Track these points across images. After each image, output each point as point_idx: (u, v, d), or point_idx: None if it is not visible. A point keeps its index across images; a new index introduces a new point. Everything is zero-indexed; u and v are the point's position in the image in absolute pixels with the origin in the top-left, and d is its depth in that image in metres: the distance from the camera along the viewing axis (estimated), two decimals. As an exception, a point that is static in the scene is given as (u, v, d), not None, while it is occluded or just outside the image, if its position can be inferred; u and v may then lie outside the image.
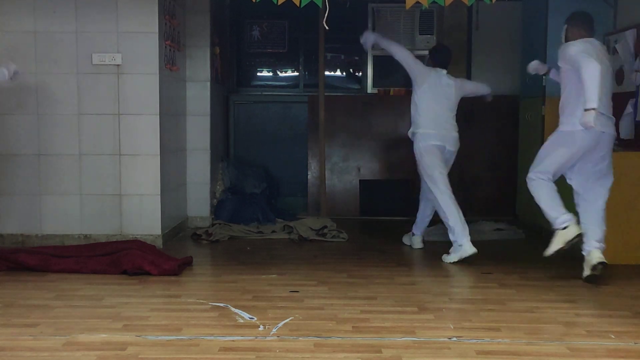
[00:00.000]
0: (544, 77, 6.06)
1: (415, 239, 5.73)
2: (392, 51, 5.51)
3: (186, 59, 6.36)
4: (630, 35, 5.40)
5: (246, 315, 3.67)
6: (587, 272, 4.47)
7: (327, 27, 4.53)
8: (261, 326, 3.50)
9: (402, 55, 5.48)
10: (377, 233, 6.39)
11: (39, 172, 5.43)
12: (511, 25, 7.12)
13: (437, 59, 5.55)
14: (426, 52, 7.39)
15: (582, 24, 4.66)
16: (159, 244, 5.43)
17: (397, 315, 3.71)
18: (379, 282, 4.46)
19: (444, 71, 5.48)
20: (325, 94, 6.52)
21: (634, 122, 5.31)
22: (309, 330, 3.43)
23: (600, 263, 4.42)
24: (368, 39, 5.57)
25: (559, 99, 4.61)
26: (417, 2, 4.24)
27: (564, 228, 4.48)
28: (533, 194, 4.67)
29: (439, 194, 5.35)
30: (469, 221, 6.38)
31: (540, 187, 4.62)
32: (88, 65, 5.34)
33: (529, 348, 3.22)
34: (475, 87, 5.78)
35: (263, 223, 6.45)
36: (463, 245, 5.16)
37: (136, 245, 4.81)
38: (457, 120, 5.53)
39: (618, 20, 5.79)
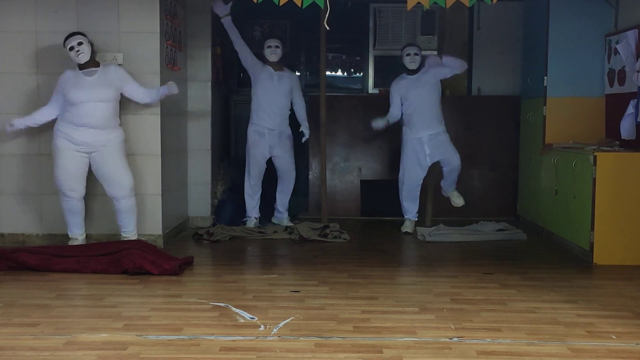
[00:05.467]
0: (545, 77, 6.07)
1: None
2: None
3: (187, 59, 6.36)
4: (631, 36, 5.39)
5: (247, 315, 3.67)
6: None
7: (327, 27, 4.53)
8: (262, 326, 3.50)
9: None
10: (378, 233, 6.39)
11: (40, 172, 5.43)
12: (512, 25, 7.12)
13: None
14: (428, 53, 7.46)
15: None
16: (160, 243, 5.43)
17: (398, 316, 3.71)
18: (380, 282, 4.46)
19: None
20: (327, 94, 6.52)
21: (635, 122, 5.30)
22: (310, 330, 3.43)
23: None
24: (221, 9, 6.11)
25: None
26: (418, 3, 4.24)
27: None
28: None
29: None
30: (470, 221, 6.42)
31: None
32: (89, 65, 5.34)
33: (530, 348, 3.22)
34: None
35: (264, 223, 6.46)
36: None
37: (137, 245, 4.81)
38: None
39: (619, 20, 5.78)
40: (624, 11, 5.71)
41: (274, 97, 6.27)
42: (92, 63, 5.06)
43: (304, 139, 6.46)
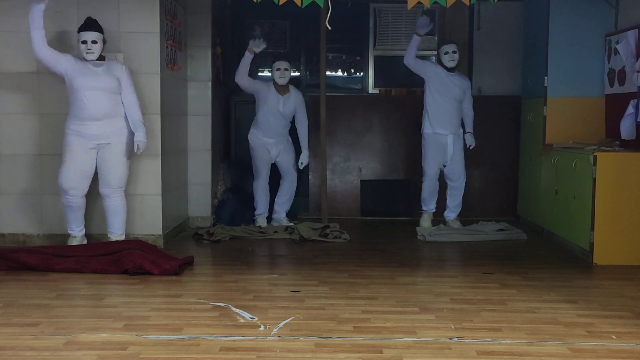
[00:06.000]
0: (545, 77, 6.07)
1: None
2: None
3: (187, 58, 6.36)
4: (631, 36, 5.39)
5: (247, 315, 3.67)
6: None
7: (329, 27, 4.52)
8: (262, 326, 3.50)
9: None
10: (378, 233, 6.39)
11: (41, 172, 5.43)
12: (513, 25, 7.12)
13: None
14: (428, 53, 7.45)
15: None
16: (160, 243, 5.44)
17: (398, 316, 3.71)
18: (380, 282, 4.46)
19: None
20: (327, 94, 6.52)
21: (635, 122, 5.30)
22: (310, 330, 3.43)
23: None
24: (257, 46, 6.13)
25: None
26: (419, 2, 4.24)
27: None
28: None
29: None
30: (470, 221, 6.42)
31: None
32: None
33: (530, 348, 3.22)
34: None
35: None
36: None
37: (137, 245, 4.81)
38: None
39: (619, 20, 5.78)
40: (624, 11, 5.72)
41: (276, 119, 6.33)
42: (99, 57, 5.08)
43: (301, 166, 6.49)
